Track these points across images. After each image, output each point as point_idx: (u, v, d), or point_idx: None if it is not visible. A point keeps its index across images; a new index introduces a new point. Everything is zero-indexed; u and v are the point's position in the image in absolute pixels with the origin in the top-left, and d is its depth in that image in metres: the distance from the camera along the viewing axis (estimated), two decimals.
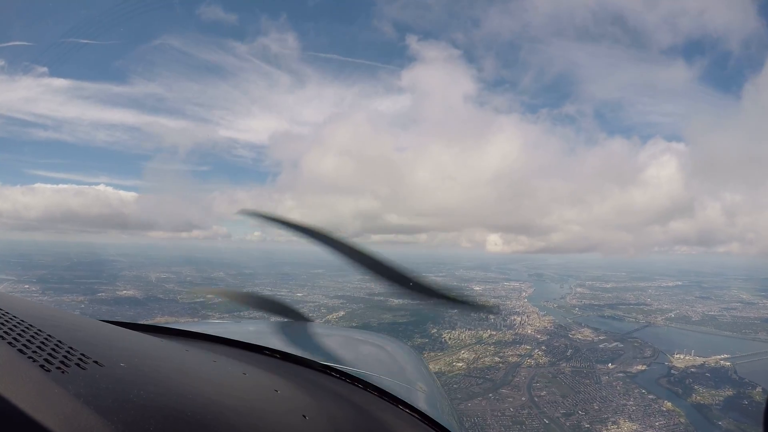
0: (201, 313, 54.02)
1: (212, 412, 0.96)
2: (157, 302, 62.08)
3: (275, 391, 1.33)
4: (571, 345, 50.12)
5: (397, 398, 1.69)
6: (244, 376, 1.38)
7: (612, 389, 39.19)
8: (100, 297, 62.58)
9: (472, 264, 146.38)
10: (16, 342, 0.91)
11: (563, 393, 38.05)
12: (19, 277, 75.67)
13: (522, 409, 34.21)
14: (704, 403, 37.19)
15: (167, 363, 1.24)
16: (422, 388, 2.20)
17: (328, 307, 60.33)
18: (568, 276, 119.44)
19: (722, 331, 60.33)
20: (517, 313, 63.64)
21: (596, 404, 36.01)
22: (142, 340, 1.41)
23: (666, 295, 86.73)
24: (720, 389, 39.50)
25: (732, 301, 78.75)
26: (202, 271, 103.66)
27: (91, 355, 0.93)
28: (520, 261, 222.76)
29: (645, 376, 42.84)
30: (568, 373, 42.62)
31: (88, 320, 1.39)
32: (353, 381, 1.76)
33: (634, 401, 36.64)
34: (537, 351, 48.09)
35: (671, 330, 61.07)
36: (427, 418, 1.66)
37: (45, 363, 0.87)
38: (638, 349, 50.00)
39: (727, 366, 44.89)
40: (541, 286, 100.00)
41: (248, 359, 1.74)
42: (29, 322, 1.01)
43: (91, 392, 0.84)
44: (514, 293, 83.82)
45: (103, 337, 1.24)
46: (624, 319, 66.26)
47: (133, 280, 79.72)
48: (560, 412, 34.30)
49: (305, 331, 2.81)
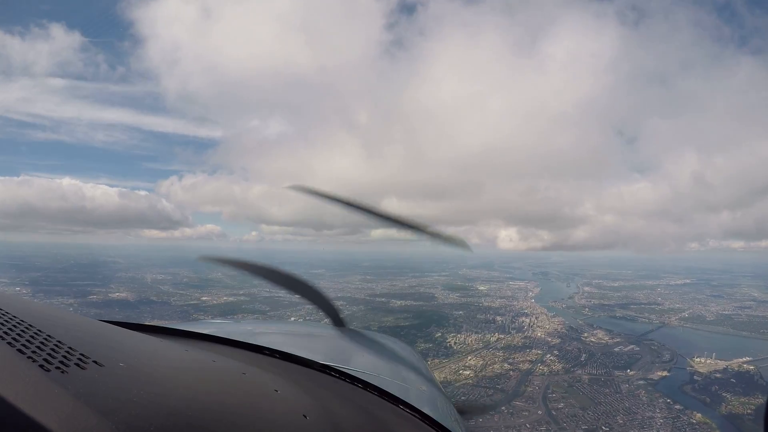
0: (193, 315, 53.04)
1: (212, 412, 0.97)
2: (149, 305, 61.11)
3: (275, 391, 1.33)
4: (584, 349, 48.08)
5: (397, 398, 1.71)
6: (244, 376, 1.39)
7: (635, 399, 36.75)
8: (91, 300, 61.49)
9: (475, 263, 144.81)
10: (15, 342, 0.92)
11: (582, 405, 35.57)
12: (12, 279, 77.25)
13: (539, 425, 31.60)
14: (736, 412, 34.82)
15: (167, 363, 1.25)
16: (422, 388, 2.22)
17: None
18: (573, 274, 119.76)
19: (740, 331, 59.02)
20: (525, 314, 62.28)
21: (620, 417, 33.48)
22: (142, 340, 1.41)
23: (676, 293, 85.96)
24: (750, 396, 37.21)
25: (744, 300, 78.05)
26: (200, 272, 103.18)
27: (91, 355, 0.93)
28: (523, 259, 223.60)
29: (667, 383, 40.58)
30: (586, 381, 40.26)
31: (88, 320, 1.37)
32: (353, 381, 1.77)
33: (661, 413, 34.18)
34: (549, 356, 45.93)
35: (687, 331, 59.55)
36: (428, 418, 1.67)
37: (45, 363, 0.89)
38: (656, 353, 47.99)
39: (752, 370, 42.96)
40: (547, 285, 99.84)
41: (248, 359, 1.74)
42: (29, 321, 1.01)
43: (91, 392, 0.86)
44: (521, 293, 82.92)
45: (103, 337, 1.23)
46: (636, 319, 64.84)
47: (127, 282, 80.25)
48: (582, 428, 31.81)
49: (305, 331, 2.86)
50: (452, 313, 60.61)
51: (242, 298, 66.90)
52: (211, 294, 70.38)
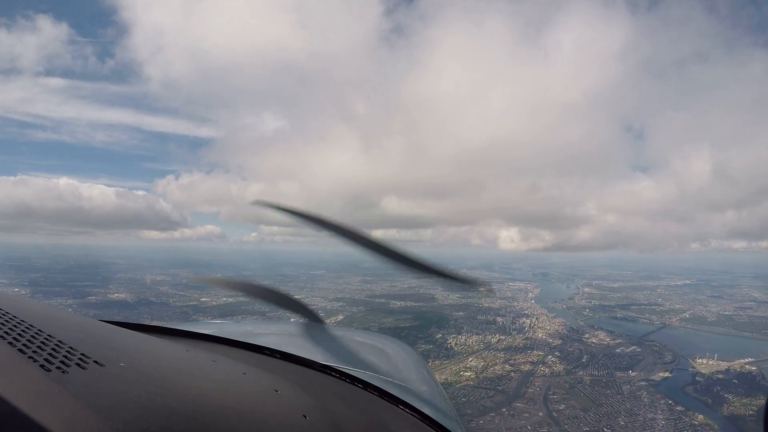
0: (193, 317, 52.82)
1: (212, 412, 0.97)
2: (148, 306, 61.17)
3: (275, 391, 1.33)
4: (586, 350, 47.85)
5: (397, 398, 1.70)
6: (244, 376, 1.39)
7: (637, 400, 36.51)
8: (89, 300, 61.46)
9: (476, 263, 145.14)
10: (16, 342, 0.92)
11: (584, 406, 35.33)
12: (11, 280, 76.89)
13: (540, 427, 31.42)
14: (738, 414, 34.64)
15: (167, 363, 1.25)
16: (422, 388, 2.20)
17: (326, 310, 59.59)
18: (573, 275, 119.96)
19: (741, 332, 58.91)
20: (526, 315, 62.16)
21: (622, 419, 33.31)
22: (142, 340, 1.41)
23: (676, 294, 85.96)
24: (752, 397, 36.94)
25: (745, 300, 78.05)
26: (200, 273, 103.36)
27: (92, 355, 0.94)
28: (523, 260, 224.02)
29: (669, 384, 40.36)
30: (587, 382, 40.02)
31: (89, 320, 1.37)
32: (353, 381, 1.77)
33: (663, 414, 33.96)
34: (550, 357, 45.68)
35: (688, 332, 59.47)
36: (427, 418, 1.66)
37: (45, 363, 0.89)
38: (658, 354, 47.77)
39: (754, 371, 42.72)
40: (547, 286, 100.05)
41: (248, 359, 1.75)
42: (29, 322, 1.01)
43: (92, 392, 0.87)
44: (521, 294, 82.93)
45: (104, 337, 1.24)
46: (637, 320, 64.76)
47: (126, 283, 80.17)
48: (583, 430, 31.58)
49: (305, 331, 2.83)
50: (453, 314, 60.40)
51: (242, 299, 66.57)
52: (210, 295, 70.19)
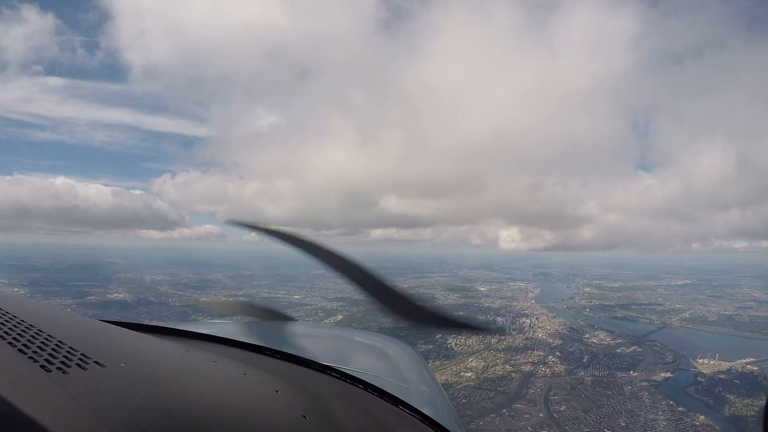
0: (192, 317, 52.53)
1: (212, 413, 0.97)
2: (147, 306, 60.83)
3: (275, 392, 1.34)
4: (586, 350, 47.68)
5: (397, 398, 1.69)
6: (244, 376, 1.39)
7: (638, 401, 36.37)
8: (88, 300, 61.12)
9: (475, 263, 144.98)
10: (16, 342, 0.91)
11: (584, 407, 35.20)
12: (11, 279, 76.84)
13: (541, 428, 31.29)
14: (739, 414, 34.49)
15: (167, 363, 1.25)
16: (422, 389, 2.19)
17: (326, 310, 59.53)
18: (573, 275, 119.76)
19: (742, 332, 58.78)
20: (526, 315, 62.00)
21: (623, 420, 33.20)
22: (142, 340, 1.41)
23: (677, 294, 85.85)
24: (753, 398, 36.74)
25: (745, 300, 77.85)
26: (199, 273, 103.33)
27: (92, 355, 0.93)
28: (523, 259, 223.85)
29: (670, 384, 40.24)
30: (588, 383, 39.87)
31: (89, 320, 1.37)
32: (353, 381, 1.76)
33: (664, 415, 33.85)
34: (551, 357, 45.56)
35: (689, 331, 59.34)
36: (427, 419, 1.65)
37: (46, 363, 0.89)
38: (658, 354, 47.63)
39: (756, 371, 42.55)
40: (547, 285, 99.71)
41: (248, 359, 1.74)
42: (30, 322, 1.00)
43: (93, 393, 0.87)
44: (521, 294, 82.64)
45: (104, 337, 1.24)
46: (638, 320, 64.63)
47: (126, 283, 79.95)
48: (584, 430, 31.44)
49: (306, 331, 2.85)
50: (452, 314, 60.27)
51: (242, 298, 66.53)
52: (210, 295, 69.96)
